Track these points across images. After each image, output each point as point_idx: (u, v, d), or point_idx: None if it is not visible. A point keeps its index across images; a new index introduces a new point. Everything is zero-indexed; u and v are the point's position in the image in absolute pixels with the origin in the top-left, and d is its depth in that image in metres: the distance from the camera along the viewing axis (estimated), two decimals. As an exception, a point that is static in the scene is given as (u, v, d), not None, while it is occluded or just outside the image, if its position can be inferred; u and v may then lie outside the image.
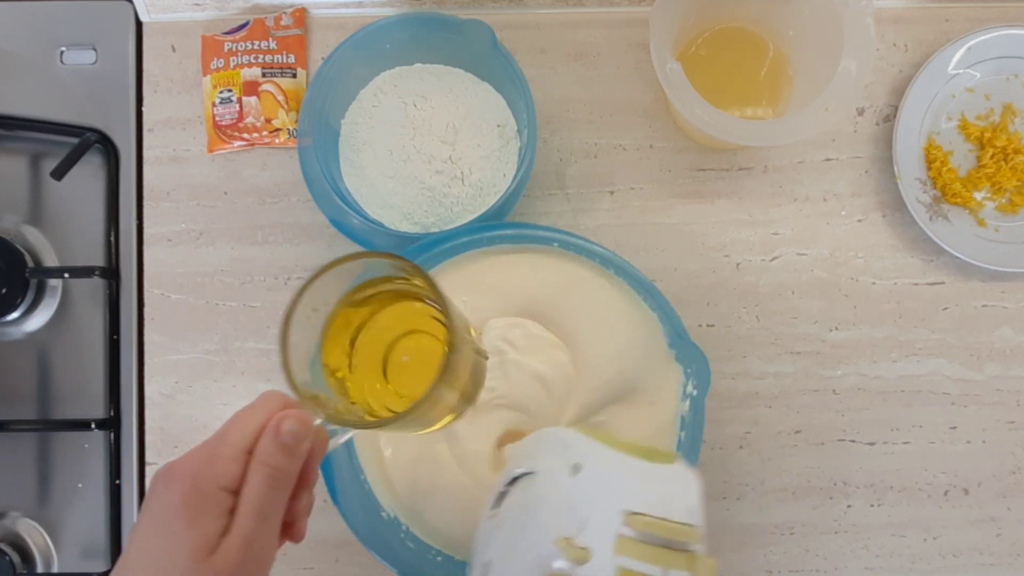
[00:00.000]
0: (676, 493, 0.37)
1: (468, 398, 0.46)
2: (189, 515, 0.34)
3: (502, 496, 0.43)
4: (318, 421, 0.37)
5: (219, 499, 0.35)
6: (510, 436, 0.53)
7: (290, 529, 0.40)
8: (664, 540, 0.35)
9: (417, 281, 0.39)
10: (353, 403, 0.42)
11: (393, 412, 0.42)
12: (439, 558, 0.54)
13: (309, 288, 0.37)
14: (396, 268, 0.39)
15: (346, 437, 0.43)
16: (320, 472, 0.52)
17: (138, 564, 0.34)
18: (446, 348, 0.37)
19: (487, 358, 0.49)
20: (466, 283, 0.55)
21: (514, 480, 0.43)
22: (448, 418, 0.45)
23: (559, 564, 0.36)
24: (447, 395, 0.40)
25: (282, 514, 0.37)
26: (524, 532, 0.40)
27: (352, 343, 0.43)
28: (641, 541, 0.35)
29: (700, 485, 0.39)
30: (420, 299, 0.43)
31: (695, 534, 0.36)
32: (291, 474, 0.37)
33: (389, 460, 0.55)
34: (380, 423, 0.38)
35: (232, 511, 0.35)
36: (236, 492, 0.36)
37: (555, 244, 0.54)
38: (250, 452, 0.36)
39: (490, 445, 0.53)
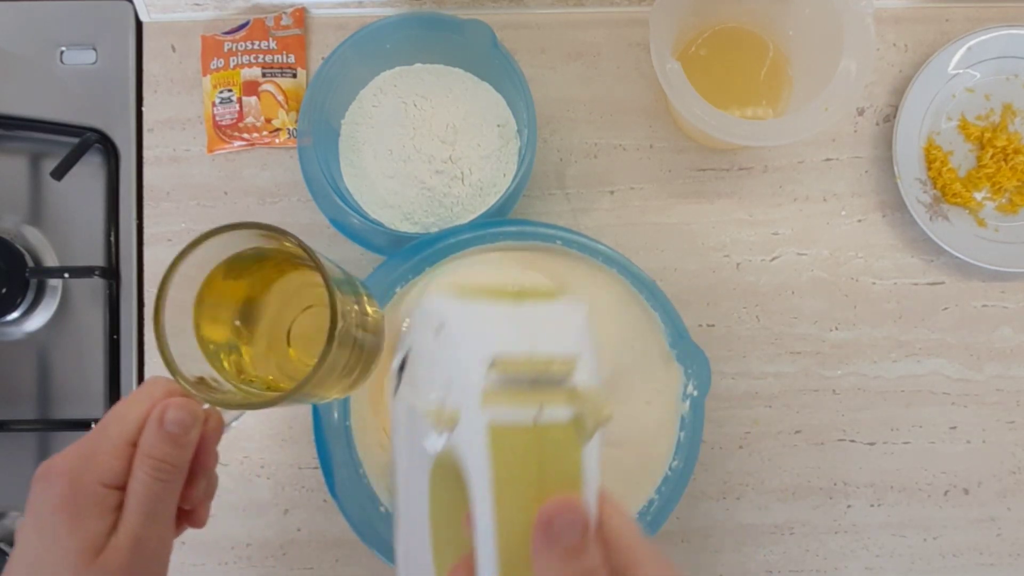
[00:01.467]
0: (547, 327, 0.33)
1: (366, 362, 0.43)
2: (70, 516, 0.32)
3: (397, 386, 0.39)
4: (206, 405, 0.35)
5: (102, 496, 0.33)
6: None
7: (190, 516, 0.38)
8: (531, 377, 0.31)
9: (292, 248, 0.36)
10: (250, 380, 0.40)
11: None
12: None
13: (179, 266, 0.34)
14: (268, 238, 0.36)
15: (239, 417, 0.41)
16: (320, 463, 0.53)
17: (23, 570, 0.33)
18: (329, 325, 0.35)
19: (382, 318, 0.45)
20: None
21: (401, 368, 0.39)
22: (345, 384, 0.43)
23: (432, 440, 0.32)
24: (335, 367, 0.38)
25: (175, 506, 0.36)
26: (410, 417, 0.36)
27: (243, 316, 0.41)
28: (506, 387, 0.31)
29: (583, 313, 0.34)
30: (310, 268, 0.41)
31: (569, 364, 0.32)
32: (180, 465, 0.35)
33: (388, 452, 0.55)
34: (264, 402, 0.35)
35: (119, 507, 0.34)
36: (122, 488, 0.34)
37: (558, 241, 0.54)
38: (134, 444, 0.34)
39: None
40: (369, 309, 0.42)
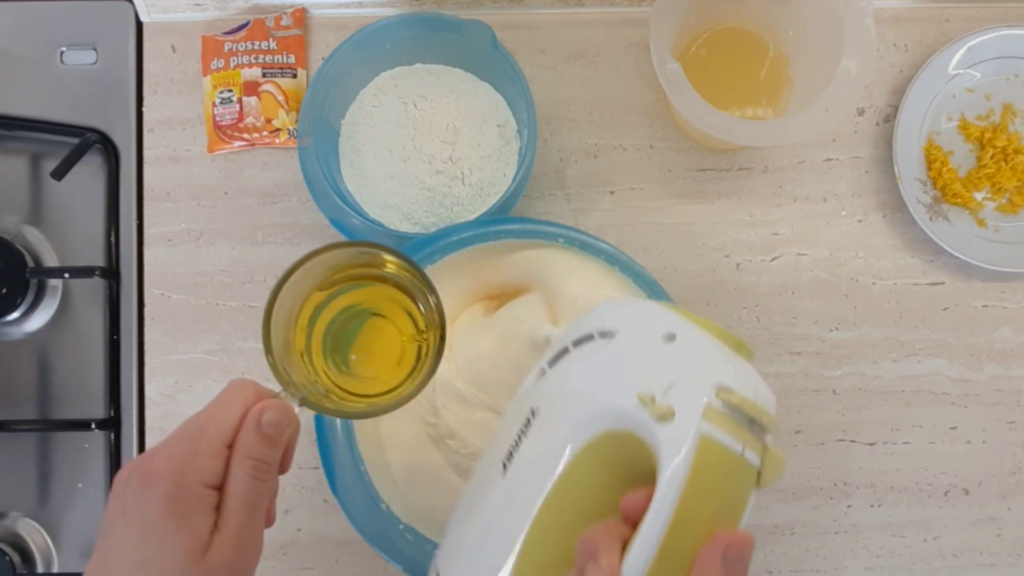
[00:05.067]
0: (760, 383, 0.36)
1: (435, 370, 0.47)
2: (177, 516, 0.34)
3: (562, 354, 0.42)
4: (297, 409, 0.37)
5: (205, 497, 0.35)
6: None
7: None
8: (749, 419, 0.35)
9: (396, 270, 0.40)
10: (316, 383, 0.42)
11: (359, 393, 0.43)
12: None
13: (292, 276, 0.37)
14: (371, 256, 0.39)
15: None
16: (322, 462, 0.53)
17: (128, 570, 0.33)
18: (437, 344, 0.39)
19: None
20: (470, 277, 0.55)
21: (582, 341, 0.41)
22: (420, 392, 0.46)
23: (639, 414, 0.35)
24: (429, 378, 0.42)
25: (267, 503, 0.37)
26: (591, 385, 0.39)
27: (311, 325, 0.43)
28: (728, 414, 0.34)
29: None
30: (385, 282, 0.44)
31: (774, 424, 0.36)
32: (275, 464, 0.37)
33: (386, 449, 0.55)
34: (364, 412, 0.38)
35: (217, 507, 0.35)
36: (219, 487, 0.35)
37: (560, 240, 0.54)
38: (230, 446, 0.36)
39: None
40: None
